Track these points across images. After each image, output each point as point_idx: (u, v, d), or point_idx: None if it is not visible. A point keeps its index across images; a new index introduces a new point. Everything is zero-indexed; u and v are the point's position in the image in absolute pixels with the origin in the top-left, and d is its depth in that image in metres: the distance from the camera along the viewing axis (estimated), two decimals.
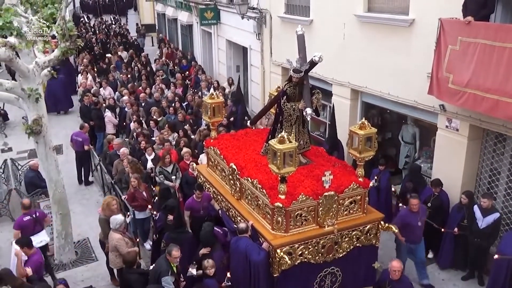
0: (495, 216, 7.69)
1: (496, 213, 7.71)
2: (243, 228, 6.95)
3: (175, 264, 6.63)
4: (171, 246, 6.65)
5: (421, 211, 7.79)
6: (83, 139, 12.23)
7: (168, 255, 6.57)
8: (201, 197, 8.14)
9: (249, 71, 16.39)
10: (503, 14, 7.69)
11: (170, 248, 6.59)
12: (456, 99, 7.56)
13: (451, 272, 8.45)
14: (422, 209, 7.84)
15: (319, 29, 11.47)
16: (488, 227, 7.71)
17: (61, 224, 8.86)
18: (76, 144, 12.19)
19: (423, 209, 7.92)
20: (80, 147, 12.20)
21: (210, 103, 8.58)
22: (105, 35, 28.48)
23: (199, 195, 8.11)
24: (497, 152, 8.23)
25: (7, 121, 17.02)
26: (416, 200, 7.65)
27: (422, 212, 7.80)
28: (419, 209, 7.71)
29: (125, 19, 40.38)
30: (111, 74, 18.32)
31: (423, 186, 9.08)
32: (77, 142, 12.14)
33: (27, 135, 8.19)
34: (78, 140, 12.15)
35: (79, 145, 12.17)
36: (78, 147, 12.19)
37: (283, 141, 6.28)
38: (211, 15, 17.99)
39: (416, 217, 7.71)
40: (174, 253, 6.54)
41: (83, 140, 12.22)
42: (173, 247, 6.61)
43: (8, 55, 7.30)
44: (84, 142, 12.22)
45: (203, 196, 8.22)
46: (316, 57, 7.00)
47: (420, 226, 7.78)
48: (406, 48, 9.02)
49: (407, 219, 7.71)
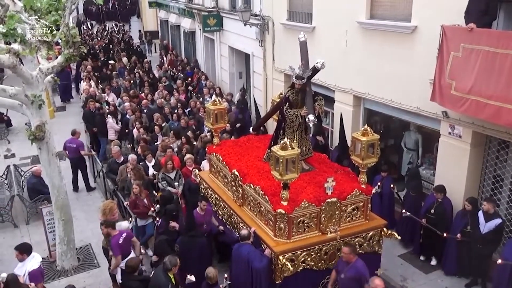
0: (497, 222, 7.66)
1: (498, 219, 7.68)
2: (245, 235, 6.94)
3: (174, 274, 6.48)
4: (174, 258, 6.49)
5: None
6: (77, 145, 12.15)
7: (174, 268, 6.42)
8: (205, 210, 8.04)
9: (251, 77, 16.42)
10: (506, 21, 7.70)
11: (173, 260, 6.44)
12: (459, 105, 7.55)
13: (454, 279, 8.41)
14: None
15: (321, 36, 11.49)
16: (489, 232, 7.68)
17: (64, 230, 8.85)
18: (70, 150, 12.07)
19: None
20: (74, 153, 12.08)
21: (212, 109, 8.60)
22: (107, 41, 28.61)
23: (204, 206, 8.01)
24: (500, 159, 8.21)
25: (10, 127, 17.08)
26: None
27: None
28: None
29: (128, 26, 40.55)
30: (114, 80, 18.39)
31: (420, 190, 9.20)
32: (70, 149, 12.02)
33: (30, 141, 8.21)
34: (72, 147, 12.04)
35: (73, 151, 12.06)
36: (73, 153, 12.06)
37: (285, 148, 6.28)
38: (213, 22, 18.05)
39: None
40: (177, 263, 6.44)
41: (77, 146, 12.14)
42: (175, 258, 6.48)
43: (12, 62, 7.34)
44: (79, 148, 12.16)
45: (207, 211, 8.12)
46: (318, 63, 7.03)
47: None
48: (408, 55, 9.03)
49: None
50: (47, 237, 9.23)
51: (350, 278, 6.48)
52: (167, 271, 6.39)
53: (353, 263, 6.53)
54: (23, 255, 7.16)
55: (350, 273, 6.49)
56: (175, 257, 6.50)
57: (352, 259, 6.54)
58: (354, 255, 6.58)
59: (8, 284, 6.40)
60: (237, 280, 6.90)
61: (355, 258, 6.57)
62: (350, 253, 6.53)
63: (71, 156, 12.12)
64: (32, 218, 10.64)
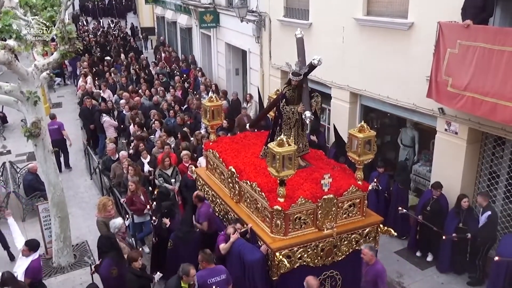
0: (487, 214, 7.72)
1: (488, 211, 7.74)
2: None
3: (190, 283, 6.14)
4: (187, 266, 6.13)
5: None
6: (58, 125, 12.93)
7: (185, 276, 6.05)
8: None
9: (248, 74, 16.41)
10: (502, 18, 7.71)
11: (186, 269, 6.08)
12: (455, 102, 7.57)
13: (450, 275, 8.44)
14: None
15: (318, 32, 11.48)
16: (483, 225, 7.76)
17: (60, 227, 8.83)
18: (52, 133, 12.21)
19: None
20: (57, 135, 12.61)
21: (209, 106, 8.57)
22: (103, 38, 28.51)
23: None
24: (496, 156, 8.24)
25: (6, 124, 17.04)
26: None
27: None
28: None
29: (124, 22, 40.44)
30: (111, 77, 18.33)
31: (408, 184, 9.50)
32: (53, 131, 12.35)
33: (26, 138, 8.18)
34: (54, 128, 12.58)
35: (55, 132, 12.52)
36: (55, 135, 12.40)
37: (282, 144, 6.27)
38: (210, 18, 18.00)
39: None
40: (192, 271, 6.09)
41: (59, 126, 12.93)
42: (189, 267, 6.11)
43: (7, 58, 7.28)
44: (60, 128, 12.95)
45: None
46: (315, 60, 7.01)
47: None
48: (405, 52, 9.03)
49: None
50: (43, 234, 9.21)
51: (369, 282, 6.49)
52: (179, 279, 6.12)
53: (372, 265, 6.50)
54: (30, 252, 7.18)
55: (369, 277, 6.47)
56: (189, 266, 6.15)
57: (372, 260, 6.52)
58: (373, 256, 6.53)
59: (5, 282, 6.38)
60: (232, 275, 6.89)
61: (374, 259, 6.53)
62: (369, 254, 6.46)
63: (53, 138, 12.32)
64: (28, 215, 10.61)
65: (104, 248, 7.07)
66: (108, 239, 7.11)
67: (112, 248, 6.98)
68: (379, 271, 6.49)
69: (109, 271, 6.80)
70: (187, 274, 6.04)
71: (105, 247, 7.05)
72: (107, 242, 7.08)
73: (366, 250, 6.51)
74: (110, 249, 6.96)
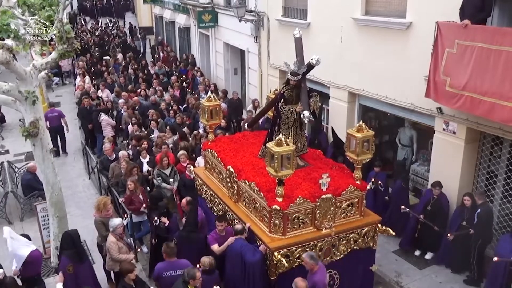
0: (477, 211, 7.77)
1: (478, 209, 7.78)
2: (239, 229, 6.94)
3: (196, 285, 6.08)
4: (192, 270, 6.09)
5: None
6: (58, 113, 13.74)
7: (191, 280, 5.97)
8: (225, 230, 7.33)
9: (246, 74, 16.40)
10: (500, 18, 7.73)
11: (192, 272, 6.02)
12: (453, 102, 7.58)
13: (449, 274, 8.45)
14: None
15: (316, 32, 11.48)
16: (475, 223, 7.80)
17: (58, 226, 8.81)
18: (51, 119, 13.14)
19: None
20: (56, 121, 13.50)
21: (207, 105, 8.57)
22: (101, 37, 28.44)
23: (222, 227, 7.29)
24: (494, 155, 8.26)
25: (4, 123, 16.99)
26: None
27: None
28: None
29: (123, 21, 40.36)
30: (109, 77, 18.30)
31: (407, 183, 9.55)
32: (52, 118, 13.09)
33: (24, 138, 8.16)
34: (54, 115, 13.29)
35: (55, 119, 13.41)
36: (55, 121, 13.38)
37: (280, 144, 6.28)
38: (208, 18, 18.00)
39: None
40: (198, 274, 6.05)
41: (59, 114, 13.72)
42: (194, 270, 6.08)
43: (5, 58, 7.27)
44: (60, 116, 13.70)
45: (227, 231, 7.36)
46: (313, 60, 7.02)
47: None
48: (403, 51, 9.04)
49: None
50: (42, 234, 9.21)
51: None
52: (185, 283, 6.03)
53: (313, 274, 6.27)
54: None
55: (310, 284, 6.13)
56: (194, 270, 6.13)
57: (314, 269, 6.28)
58: (314, 265, 6.28)
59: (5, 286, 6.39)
60: (231, 275, 6.90)
61: (316, 267, 6.30)
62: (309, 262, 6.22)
63: (53, 125, 13.31)
64: (26, 215, 10.60)
65: (65, 245, 7.19)
66: (69, 236, 7.20)
67: (73, 245, 7.13)
68: (315, 282, 6.19)
69: (66, 267, 6.96)
70: (193, 277, 5.99)
71: (66, 244, 7.18)
72: (68, 239, 7.19)
73: (306, 259, 6.31)
74: (70, 247, 7.11)
